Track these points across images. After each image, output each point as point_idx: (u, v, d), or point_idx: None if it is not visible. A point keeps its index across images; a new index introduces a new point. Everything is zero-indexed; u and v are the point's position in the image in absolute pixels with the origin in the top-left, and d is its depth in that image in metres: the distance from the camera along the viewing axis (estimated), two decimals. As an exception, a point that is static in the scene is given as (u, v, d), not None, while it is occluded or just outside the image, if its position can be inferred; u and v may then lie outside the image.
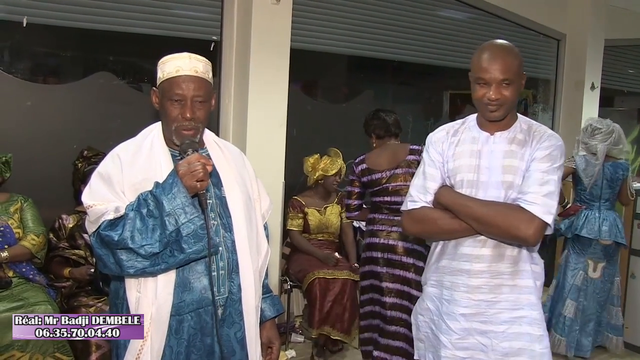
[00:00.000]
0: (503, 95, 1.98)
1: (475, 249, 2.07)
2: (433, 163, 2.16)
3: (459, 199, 2.05)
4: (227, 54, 4.29)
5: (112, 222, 1.73)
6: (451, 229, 2.07)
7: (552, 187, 1.96)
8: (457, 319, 2.11)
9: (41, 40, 3.96)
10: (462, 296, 2.10)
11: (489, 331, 2.08)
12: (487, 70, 1.98)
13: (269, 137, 4.19)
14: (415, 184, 2.19)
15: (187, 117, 1.83)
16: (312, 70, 5.35)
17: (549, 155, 1.99)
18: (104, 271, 1.83)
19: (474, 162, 2.08)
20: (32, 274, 3.26)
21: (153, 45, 4.19)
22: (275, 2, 4.06)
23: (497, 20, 5.95)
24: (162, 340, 1.81)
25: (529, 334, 2.07)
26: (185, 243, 1.72)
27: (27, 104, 3.76)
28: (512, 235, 1.95)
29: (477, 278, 2.07)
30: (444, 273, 2.16)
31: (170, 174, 1.75)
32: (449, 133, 2.18)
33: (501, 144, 2.07)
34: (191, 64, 1.86)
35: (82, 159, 3.57)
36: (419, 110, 5.94)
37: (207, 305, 1.85)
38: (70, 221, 3.51)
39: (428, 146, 2.20)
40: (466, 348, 2.11)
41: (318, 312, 3.96)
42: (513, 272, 2.06)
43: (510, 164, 2.03)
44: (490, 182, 2.04)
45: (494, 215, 1.96)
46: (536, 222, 1.91)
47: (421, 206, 2.13)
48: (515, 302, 2.07)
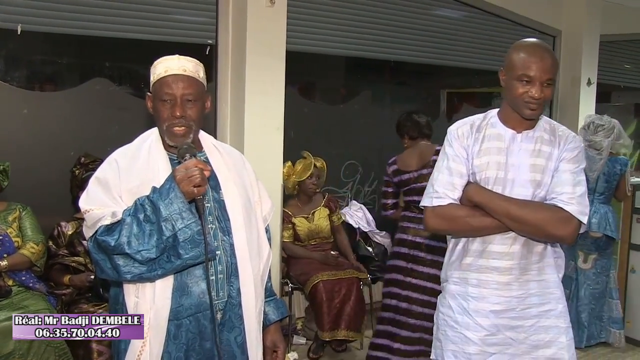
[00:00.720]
0: (545, 94, 2.00)
1: (505, 246, 2.09)
2: (458, 159, 2.13)
3: (495, 198, 2.05)
4: (222, 58, 4.29)
5: (108, 227, 1.72)
6: (482, 226, 2.08)
7: (584, 188, 2.04)
8: (487, 315, 2.12)
9: (36, 48, 3.96)
10: (492, 293, 2.11)
11: (518, 326, 2.12)
12: (533, 69, 1.97)
13: (267, 140, 4.18)
14: (439, 179, 2.14)
15: (177, 115, 1.82)
16: (309, 72, 5.35)
17: (576, 157, 2.07)
18: (102, 276, 1.83)
19: (501, 160, 2.09)
20: (31, 282, 3.25)
21: (149, 50, 4.18)
22: (270, 5, 4.05)
23: (493, 18, 5.94)
24: (160, 345, 1.80)
25: (556, 326, 2.12)
26: (182, 249, 1.71)
27: (24, 111, 3.76)
28: (550, 234, 2.01)
29: (507, 275, 2.10)
30: (470, 271, 2.15)
31: (168, 179, 1.74)
32: (472, 128, 2.16)
33: (528, 143, 2.09)
34: (179, 63, 1.87)
35: (80, 166, 3.56)
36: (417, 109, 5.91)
37: (205, 310, 1.84)
38: (69, 228, 3.50)
39: (452, 141, 2.16)
40: (495, 344, 2.12)
41: (327, 316, 3.96)
42: (540, 267, 2.12)
43: (538, 163, 2.07)
44: (518, 180, 2.07)
45: (533, 215, 2.00)
46: (574, 221, 1.99)
47: (448, 203, 2.11)
48: (543, 297, 2.12)
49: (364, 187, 5.36)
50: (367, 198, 5.39)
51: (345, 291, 4.02)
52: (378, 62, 5.45)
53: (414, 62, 5.54)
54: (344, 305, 4.00)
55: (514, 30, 6.17)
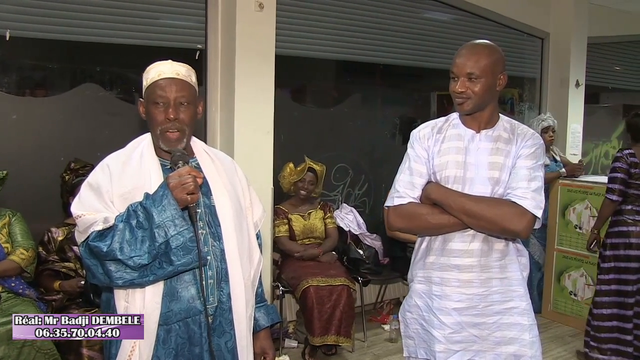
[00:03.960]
0: (469, 88, 2.06)
1: (465, 243, 2.13)
2: (419, 159, 2.20)
3: (450, 194, 2.10)
4: (212, 62, 4.30)
5: (101, 233, 1.72)
6: (440, 223, 2.12)
7: (540, 183, 2.06)
8: (450, 313, 2.15)
9: (26, 53, 3.95)
10: (454, 291, 2.15)
11: (482, 323, 2.15)
12: (455, 65, 2.09)
13: (257, 144, 4.19)
14: (400, 179, 2.23)
15: (171, 118, 1.83)
16: (298, 75, 5.36)
17: (533, 153, 2.10)
18: (93, 281, 1.83)
19: (460, 159, 2.14)
20: (21, 288, 3.24)
21: (138, 55, 4.19)
22: (259, 9, 4.07)
23: (481, 20, 5.99)
24: (150, 349, 1.80)
25: (519, 324, 2.15)
26: (174, 255, 1.72)
27: (13, 117, 3.75)
28: (505, 229, 2.03)
29: (468, 272, 2.13)
30: (432, 269, 2.20)
31: (161, 186, 1.75)
32: (433, 129, 2.24)
33: (486, 142, 2.14)
34: (173, 67, 1.89)
35: (70, 171, 3.55)
36: (407, 111, 5.98)
37: (195, 315, 1.84)
38: (59, 234, 3.49)
39: (413, 142, 2.25)
40: (459, 341, 2.16)
41: (317, 321, 3.97)
42: (502, 265, 2.14)
43: (496, 161, 2.11)
44: (477, 178, 2.11)
45: (488, 210, 2.03)
46: (528, 216, 2.01)
47: (408, 202, 2.17)
48: (505, 294, 2.14)
49: (355, 190, 5.38)
50: (358, 201, 5.41)
51: (336, 296, 4.03)
52: (368, 65, 5.48)
53: (404, 65, 5.58)
54: (334, 311, 4.01)
55: (503, 33, 6.23)
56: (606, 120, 7.86)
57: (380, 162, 5.49)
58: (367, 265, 4.66)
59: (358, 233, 4.89)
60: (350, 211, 4.96)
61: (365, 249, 4.79)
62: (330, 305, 4.00)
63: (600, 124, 7.63)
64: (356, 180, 5.37)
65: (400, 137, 5.71)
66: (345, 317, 4.03)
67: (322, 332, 3.98)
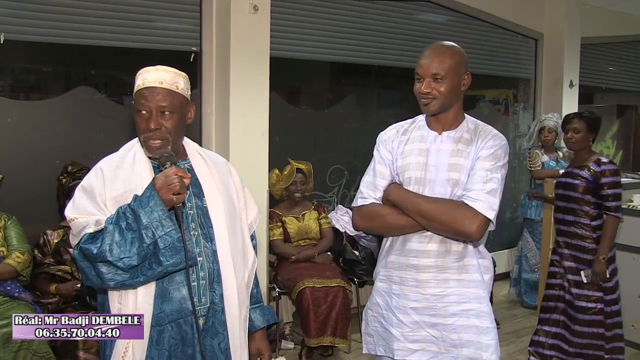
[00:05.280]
0: (435, 89, 2.07)
1: (422, 244, 2.14)
2: (383, 161, 2.24)
3: (407, 195, 2.12)
4: (207, 65, 4.31)
5: (92, 235, 1.74)
6: (399, 224, 2.14)
7: (495, 185, 2.04)
8: (407, 312, 2.17)
9: (20, 56, 3.95)
10: (411, 290, 2.17)
11: (439, 324, 2.14)
12: (420, 65, 2.10)
13: (252, 146, 4.21)
14: (365, 181, 2.26)
15: (151, 128, 1.83)
16: (293, 77, 5.37)
17: (492, 155, 2.07)
18: (87, 283, 1.85)
19: (421, 160, 2.15)
20: (17, 292, 3.24)
21: (133, 58, 4.20)
22: (254, 12, 4.08)
23: (475, 21, 6.01)
24: (143, 350, 1.82)
25: (475, 326, 2.13)
26: (163, 256, 1.72)
27: (8, 120, 3.75)
28: (456, 230, 2.02)
29: (425, 273, 2.14)
30: (393, 268, 2.22)
31: (148, 187, 1.76)
32: (398, 132, 2.27)
33: (448, 143, 2.14)
34: (157, 75, 1.86)
35: (67, 174, 3.56)
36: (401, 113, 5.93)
37: (187, 316, 1.85)
38: (55, 237, 3.50)
39: (378, 145, 2.29)
40: (417, 340, 2.18)
41: (313, 322, 3.98)
42: (460, 266, 2.13)
43: (456, 162, 2.10)
44: (437, 179, 2.11)
45: (439, 211, 2.03)
46: (479, 218, 1.99)
47: (370, 202, 2.20)
48: (463, 296, 2.13)
49: (350, 192, 5.39)
50: (353, 202, 5.40)
51: (332, 298, 4.04)
52: (362, 67, 5.49)
53: (398, 67, 5.59)
54: (330, 312, 4.02)
55: (497, 34, 6.25)
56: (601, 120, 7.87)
57: (376, 164, 5.49)
58: (362, 266, 4.66)
59: (354, 234, 4.89)
60: (346, 212, 4.96)
61: (361, 250, 4.79)
62: (326, 307, 4.01)
63: (595, 124, 7.64)
64: (351, 181, 5.39)
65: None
66: (341, 318, 4.04)
67: (319, 333, 3.99)
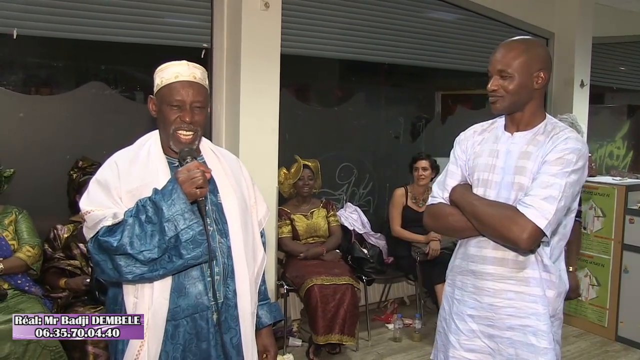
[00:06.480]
0: (501, 87, 1.99)
1: (479, 249, 2.06)
2: (456, 161, 2.18)
3: (466, 196, 2.05)
4: (218, 61, 4.30)
5: (110, 228, 1.75)
6: (459, 226, 2.07)
7: (556, 192, 1.86)
8: (465, 319, 2.11)
9: (32, 52, 3.96)
10: (470, 297, 2.10)
11: (495, 335, 2.06)
12: (490, 62, 2.03)
13: (262, 143, 4.21)
14: (437, 180, 2.22)
15: (187, 121, 1.86)
16: (303, 74, 5.37)
17: (561, 159, 1.89)
18: (102, 277, 1.85)
19: (490, 162, 2.06)
20: (27, 286, 3.26)
21: (144, 53, 4.20)
22: (265, 8, 4.08)
23: (486, 20, 5.98)
24: (158, 345, 1.82)
25: (532, 344, 2.00)
26: (184, 249, 1.74)
27: (20, 115, 3.77)
28: (504, 237, 1.90)
29: (482, 280, 2.06)
30: (457, 273, 2.17)
31: (170, 181, 1.77)
32: (476, 132, 2.19)
33: (519, 144, 2.02)
34: (189, 70, 1.90)
35: (77, 169, 3.57)
36: (411, 111, 5.97)
37: (202, 311, 1.87)
38: (65, 231, 3.51)
39: (455, 144, 2.22)
40: (473, 350, 2.10)
41: (321, 320, 3.98)
42: (519, 278, 2.00)
43: (524, 165, 1.98)
44: (503, 182, 2.01)
45: (491, 215, 1.93)
46: (529, 225, 1.84)
47: (438, 202, 2.16)
48: (521, 310, 2.01)
49: (359, 189, 5.39)
50: (362, 200, 5.41)
51: (340, 295, 4.03)
52: (372, 65, 5.47)
53: (408, 65, 5.58)
54: (338, 310, 4.01)
55: (508, 33, 6.20)
56: (611, 121, 7.85)
57: (385, 162, 5.49)
58: (371, 265, 4.66)
59: (362, 232, 4.90)
60: (355, 210, 4.96)
61: (370, 248, 4.79)
62: (334, 304, 4.01)
63: (605, 124, 7.62)
64: (360, 179, 5.38)
65: (404, 136, 5.72)
66: (349, 316, 4.04)
67: (326, 330, 3.98)
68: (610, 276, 4.72)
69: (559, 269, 2.06)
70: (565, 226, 2.04)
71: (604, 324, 4.76)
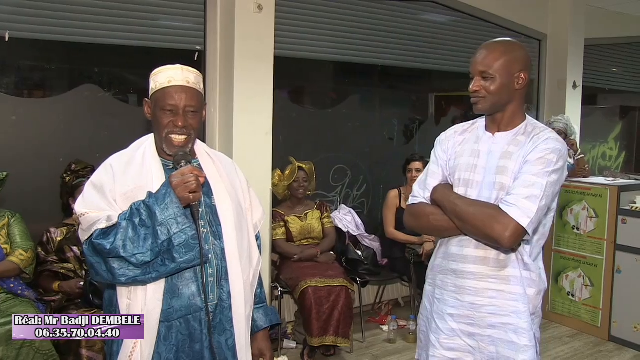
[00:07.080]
0: (483, 87, 2.01)
1: (461, 248, 2.08)
2: (437, 160, 2.19)
3: (448, 196, 2.06)
4: (211, 64, 4.30)
5: (104, 231, 1.75)
6: (440, 225, 2.08)
7: (538, 191, 1.89)
8: (444, 318, 2.12)
9: (25, 54, 3.95)
10: (450, 296, 2.11)
11: (476, 334, 2.07)
12: (471, 63, 2.05)
13: (256, 145, 4.20)
14: (418, 180, 2.23)
15: (179, 125, 1.86)
16: (297, 77, 5.37)
17: (542, 159, 1.92)
18: (96, 279, 1.86)
19: (471, 162, 2.08)
20: (20, 289, 3.24)
21: (137, 56, 4.20)
22: (258, 11, 4.08)
23: (479, 22, 6.00)
24: (151, 346, 1.83)
25: (513, 342, 2.02)
26: (177, 252, 1.74)
27: (12, 118, 3.75)
28: (486, 235, 1.92)
29: (463, 279, 2.07)
30: (437, 272, 2.18)
31: (164, 185, 1.78)
32: (457, 132, 2.21)
33: (500, 144, 2.05)
34: (183, 74, 1.90)
35: (70, 172, 3.56)
36: (405, 113, 5.98)
37: (195, 312, 1.87)
38: (58, 234, 3.49)
39: (436, 145, 2.24)
40: (453, 349, 2.12)
41: (316, 322, 3.98)
42: (500, 277, 2.02)
43: (505, 165, 2.00)
44: (484, 182, 2.03)
45: (474, 214, 1.94)
46: (512, 224, 1.86)
47: (419, 202, 2.16)
48: (502, 308, 2.03)
49: (353, 191, 5.39)
50: (356, 202, 5.42)
51: (334, 297, 4.04)
52: (366, 67, 5.49)
53: (402, 67, 5.59)
54: (332, 312, 4.01)
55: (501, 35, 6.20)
56: (603, 122, 7.89)
57: (379, 163, 5.50)
58: (365, 266, 4.67)
59: (357, 234, 4.90)
60: (349, 212, 4.97)
61: (364, 250, 4.80)
62: (328, 306, 4.01)
63: (598, 126, 7.66)
64: (355, 181, 5.39)
65: (398, 138, 5.72)
66: (343, 318, 4.04)
67: (321, 332, 3.99)
68: (603, 276, 4.74)
69: (539, 267, 2.09)
70: (544, 225, 2.06)
71: (597, 324, 4.78)
